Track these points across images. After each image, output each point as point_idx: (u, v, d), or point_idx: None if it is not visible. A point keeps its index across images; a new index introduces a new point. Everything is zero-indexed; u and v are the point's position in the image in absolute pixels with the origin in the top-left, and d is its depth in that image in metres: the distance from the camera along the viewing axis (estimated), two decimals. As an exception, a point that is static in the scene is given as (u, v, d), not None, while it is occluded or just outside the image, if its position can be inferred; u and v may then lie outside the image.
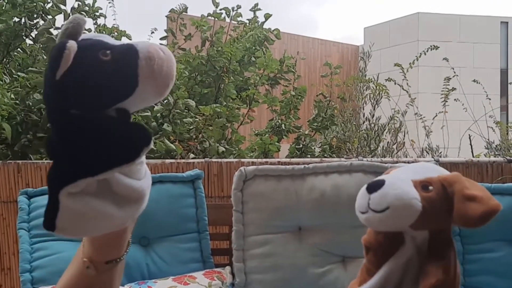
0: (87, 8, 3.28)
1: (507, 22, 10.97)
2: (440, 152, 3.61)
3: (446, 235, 1.04)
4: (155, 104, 3.07)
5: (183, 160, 2.47)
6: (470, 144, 3.20)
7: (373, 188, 1.00)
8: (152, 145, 0.65)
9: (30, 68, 2.85)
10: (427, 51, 3.81)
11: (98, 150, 0.62)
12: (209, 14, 4.13)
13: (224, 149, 3.00)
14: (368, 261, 1.07)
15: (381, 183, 1.00)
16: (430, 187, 1.01)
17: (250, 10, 4.13)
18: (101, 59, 0.63)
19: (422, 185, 1.01)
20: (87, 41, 0.66)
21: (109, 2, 3.42)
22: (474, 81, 3.65)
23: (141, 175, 0.69)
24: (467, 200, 0.98)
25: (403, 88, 3.65)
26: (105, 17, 3.45)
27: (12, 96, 2.63)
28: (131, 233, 0.79)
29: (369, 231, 1.07)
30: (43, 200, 1.75)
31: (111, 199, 0.66)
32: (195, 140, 3.02)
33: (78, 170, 0.63)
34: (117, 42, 0.67)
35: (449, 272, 1.00)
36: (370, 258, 1.07)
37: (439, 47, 3.76)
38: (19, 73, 2.79)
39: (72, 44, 0.63)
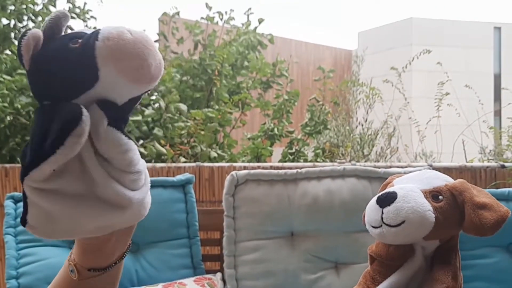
0: (78, 11, 3.26)
1: (500, 28, 11.02)
2: (434, 157, 3.60)
3: (453, 243, 1.03)
4: (146, 107, 3.04)
5: (173, 164, 2.44)
6: (464, 149, 3.19)
7: (385, 202, 0.98)
8: (84, 127, 0.59)
9: (18, 71, 2.82)
10: (419, 55, 3.81)
11: (45, 136, 0.60)
12: (202, 18, 4.12)
13: (216, 155, 2.97)
14: (373, 270, 1.05)
15: (393, 196, 0.98)
16: (440, 197, 1.00)
17: (244, 13, 4.12)
18: (68, 47, 0.61)
19: (432, 195, 1.00)
20: (68, 34, 0.64)
21: (99, 4, 3.39)
22: (466, 86, 3.65)
23: (135, 186, 0.66)
24: (478, 208, 0.98)
25: (399, 91, 3.65)
26: (95, 19, 3.42)
27: (0, 99, 2.60)
28: (125, 247, 0.75)
29: (378, 243, 1.05)
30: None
31: (92, 204, 0.63)
32: (187, 145, 2.99)
33: (30, 158, 0.60)
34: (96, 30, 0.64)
35: (457, 278, 0.98)
36: (376, 268, 1.05)
37: (431, 51, 3.77)
38: (4, 76, 2.75)
39: (33, 33, 0.62)
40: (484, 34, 10.78)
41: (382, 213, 0.97)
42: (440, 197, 1.00)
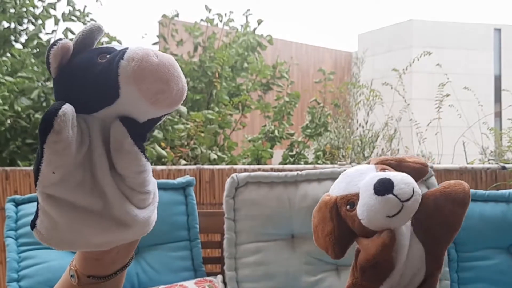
0: (77, 13, 3.26)
1: (500, 29, 11.03)
2: (434, 159, 3.60)
3: None
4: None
5: (174, 167, 2.45)
6: (464, 151, 3.19)
7: (388, 187, 1.00)
8: (60, 123, 0.59)
9: (19, 74, 2.82)
10: (420, 57, 3.81)
11: None
12: (201, 20, 4.12)
13: (216, 157, 2.97)
14: (366, 279, 1.06)
15: (388, 180, 1.00)
16: (387, 170, 1.07)
17: (243, 14, 4.13)
18: (95, 62, 0.62)
19: (383, 171, 1.08)
20: (98, 48, 0.65)
21: (98, 7, 3.39)
22: (465, 88, 3.65)
23: (142, 205, 0.67)
24: (407, 158, 1.12)
25: (399, 93, 3.64)
26: (95, 22, 3.42)
27: (0, 101, 2.60)
28: (126, 259, 0.77)
29: (367, 251, 1.06)
30: (31, 207, 1.72)
31: (98, 219, 0.63)
32: (187, 147, 2.99)
33: (35, 163, 0.61)
34: (124, 47, 0.64)
35: None
36: (369, 277, 1.05)
37: (431, 52, 3.76)
38: (5, 78, 2.76)
39: (63, 42, 0.63)
40: (484, 35, 10.80)
41: (396, 195, 0.98)
42: (387, 170, 1.08)
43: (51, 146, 0.58)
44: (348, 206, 1.07)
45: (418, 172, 1.10)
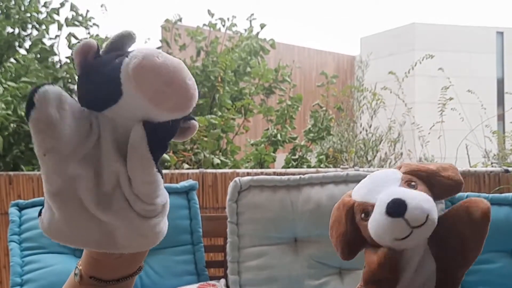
0: (80, 18, 3.27)
1: (502, 32, 11.04)
2: (437, 162, 3.59)
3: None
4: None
5: (177, 171, 2.45)
6: (467, 154, 3.18)
7: (401, 209, 0.98)
8: (38, 103, 0.58)
9: (23, 79, 2.83)
10: (422, 60, 3.81)
11: None
12: (204, 25, 4.13)
13: (219, 161, 2.97)
14: None
15: (402, 201, 0.98)
16: (413, 183, 1.03)
17: (247, 19, 4.13)
18: (111, 61, 0.62)
19: (408, 185, 1.03)
20: (122, 51, 0.65)
21: (103, 12, 3.40)
22: (468, 91, 3.65)
23: (145, 215, 0.65)
24: (441, 171, 1.05)
25: (399, 97, 3.64)
26: (98, 26, 3.44)
27: (4, 106, 2.61)
28: (132, 269, 0.74)
29: (369, 263, 1.06)
30: (35, 212, 1.71)
31: (94, 217, 0.63)
32: (190, 151, 3.00)
33: None
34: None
35: None
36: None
37: (434, 55, 3.76)
38: (8, 83, 2.77)
39: (87, 41, 0.64)
40: (486, 38, 10.80)
41: (406, 220, 0.96)
42: (413, 183, 1.02)
43: (34, 125, 0.59)
44: (363, 215, 1.06)
45: (450, 189, 1.04)
